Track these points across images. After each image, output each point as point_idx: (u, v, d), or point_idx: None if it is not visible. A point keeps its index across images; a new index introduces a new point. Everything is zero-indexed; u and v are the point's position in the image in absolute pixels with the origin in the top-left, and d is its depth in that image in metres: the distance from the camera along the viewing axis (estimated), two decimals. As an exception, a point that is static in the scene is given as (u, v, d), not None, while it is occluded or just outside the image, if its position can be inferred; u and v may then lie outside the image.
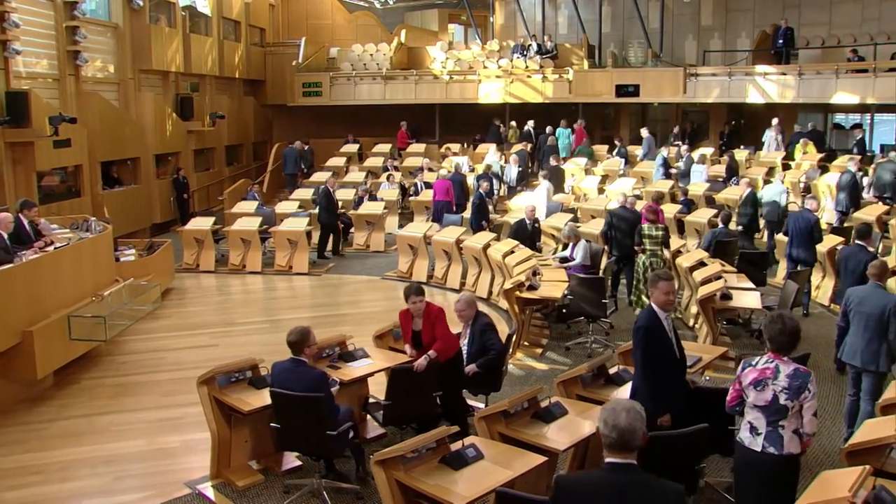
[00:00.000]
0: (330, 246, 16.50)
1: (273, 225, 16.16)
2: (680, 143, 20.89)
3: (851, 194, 15.09)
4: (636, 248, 11.33)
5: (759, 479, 5.05)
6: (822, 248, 11.88)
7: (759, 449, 4.99)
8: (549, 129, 21.95)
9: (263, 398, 6.66)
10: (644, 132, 21.17)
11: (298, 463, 6.94)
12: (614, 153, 20.85)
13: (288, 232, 15.49)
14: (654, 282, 5.96)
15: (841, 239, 12.36)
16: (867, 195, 15.75)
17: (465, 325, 7.67)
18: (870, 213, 14.32)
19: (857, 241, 9.30)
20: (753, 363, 5.08)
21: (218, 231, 16.24)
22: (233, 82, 24.23)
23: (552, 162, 18.89)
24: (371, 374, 7.48)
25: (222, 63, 22.96)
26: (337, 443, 6.20)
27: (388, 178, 18.95)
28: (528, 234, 13.43)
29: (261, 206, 17.72)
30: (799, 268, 11.24)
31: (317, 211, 16.58)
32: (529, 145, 21.70)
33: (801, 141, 19.12)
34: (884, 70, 18.42)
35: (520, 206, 16.14)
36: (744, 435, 5.11)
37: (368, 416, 7.45)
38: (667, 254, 11.80)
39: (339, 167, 21.64)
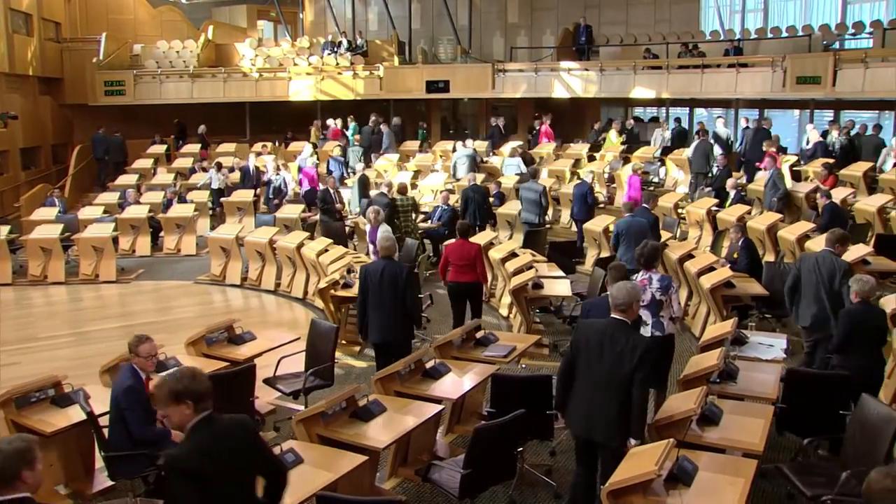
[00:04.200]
0: None
1: (76, 232, 15.28)
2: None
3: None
4: (394, 218, 13.24)
5: None
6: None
7: (648, 335, 6.87)
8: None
9: (69, 417, 6.32)
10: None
11: (110, 483, 6.60)
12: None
13: (92, 238, 14.70)
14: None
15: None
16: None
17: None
18: (668, 200, 15.40)
19: (643, 205, 11.75)
20: (633, 278, 7.07)
21: (14, 240, 15.18)
22: (26, 80, 22.54)
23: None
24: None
25: (12, 58, 21.32)
26: (118, 464, 6.01)
27: (218, 170, 18.63)
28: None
29: (62, 212, 16.75)
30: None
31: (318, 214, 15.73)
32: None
33: (614, 125, 20.35)
34: (675, 67, 19.70)
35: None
36: None
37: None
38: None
39: (146, 169, 20.76)
